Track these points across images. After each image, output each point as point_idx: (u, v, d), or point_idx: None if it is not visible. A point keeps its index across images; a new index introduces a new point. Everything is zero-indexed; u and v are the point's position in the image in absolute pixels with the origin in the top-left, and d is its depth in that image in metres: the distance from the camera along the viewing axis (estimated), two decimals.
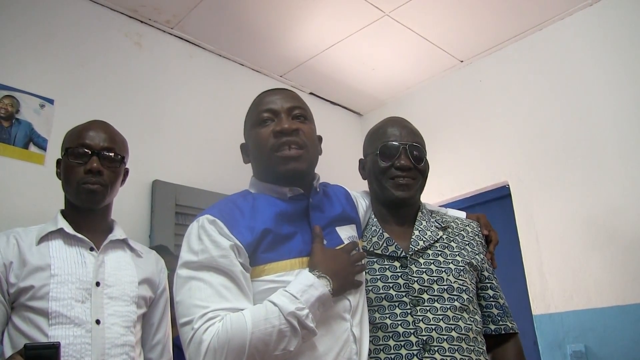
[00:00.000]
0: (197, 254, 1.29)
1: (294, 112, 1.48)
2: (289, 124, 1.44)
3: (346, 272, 1.36)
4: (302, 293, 1.24)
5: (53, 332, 1.55)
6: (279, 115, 1.46)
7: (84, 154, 1.72)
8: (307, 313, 1.22)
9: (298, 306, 1.22)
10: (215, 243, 1.28)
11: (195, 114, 3.27)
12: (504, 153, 3.49)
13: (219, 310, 1.22)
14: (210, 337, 1.18)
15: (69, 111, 2.60)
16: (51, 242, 1.68)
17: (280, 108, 1.47)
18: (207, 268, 1.27)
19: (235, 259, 1.28)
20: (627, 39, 3.05)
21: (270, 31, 3.37)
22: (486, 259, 1.67)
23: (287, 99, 1.50)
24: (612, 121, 3.03)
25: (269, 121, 1.46)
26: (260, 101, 1.52)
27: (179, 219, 2.92)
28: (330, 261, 1.33)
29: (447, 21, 3.36)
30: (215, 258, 1.27)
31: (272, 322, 1.19)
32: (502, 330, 1.60)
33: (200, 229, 1.32)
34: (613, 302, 2.85)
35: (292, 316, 1.21)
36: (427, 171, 1.67)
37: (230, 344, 1.17)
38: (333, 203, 1.56)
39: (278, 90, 1.56)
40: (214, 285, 1.25)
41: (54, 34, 2.75)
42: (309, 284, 1.26)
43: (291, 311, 1.21)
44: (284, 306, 1.21)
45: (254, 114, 1.50)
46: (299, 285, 1.26)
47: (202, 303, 1.23)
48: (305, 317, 1.22)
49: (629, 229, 2.87)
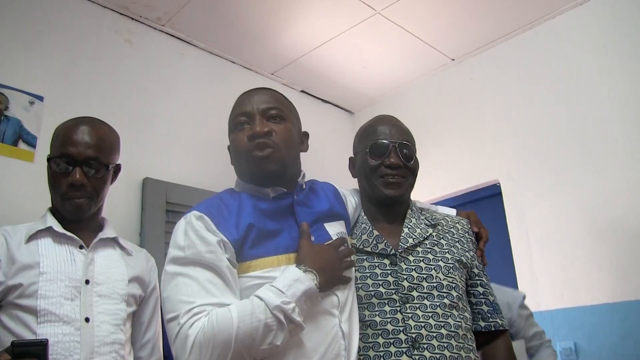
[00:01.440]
0: (183, 250, 1.29)
1: (269, 113, 1.48)
2: (260, 126, 1.44)
3: (333, 268, 1.36)
4: (288, 287, 1.24)
5: (42, 330, 1.55)
6: (254, 117, 1.46)
7: (67, 163, 1.69)
8: (294, 307, 1.22)
9: (284, 300, 1.22)
10: (202, 239, 1.29)
11: (186, 111, 3.26)
12: (495, 151, 3.50)
13: (204, 306, 1.22)
14: (196, 332, 1.18)
15: (58, 108, 2.58)
16: (40, 240, 1.67)
17: (255, 110, 1.47)
18: (193, 263, 1.27)
19: (221, 254, 1.28)
20: (617, 38, 3.07)
21: (262, 29, 3.36)
22: (476, 256, 1.68)
23: (261, 101, 1.50)
24: (602, 120, 3.05)
25: (245, 124, 1.47)
26: (237, 104, 1.54)
27: (169, 217, 2.91)
28: (317, 256, 1.34)
29: (438, 19, 3.36)
30: (202, 253, 1.27)
31: (258, 317, 1.19)
32: (492, 327, 1.60)
33: (187, 225, 1.32)
34: (602, 300, 2.87)
35: (278, 310, 1.21)
36: (417, 169, 1.67)
37: (216, 338, 1.17)
38: (320, 199, 1.56)
39: (253, 91, 1.55)
40: (200, 281, 1.25)
41: (44, 30, 2.73)
42: (295, 278, 1.26)
43: (277, 305, 1.21)
44: (270, 300, 1.21)
45: (232, 118, 1.52)
46: (285, 280, 1.26)
47: (188, 298, 1.23)
48: (291, 311, 1.22)
49: (619, 228, 2.89)
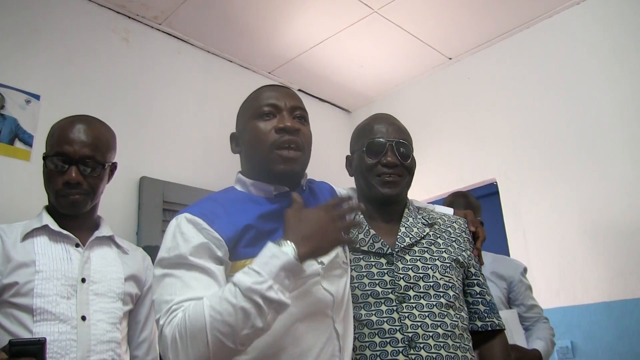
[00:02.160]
0: (169, 252, 1.27)
1: (296, 112, 1.46)
2: (292, 122, 1.42)
3: (323, 232, 1.25)
4: (264, 265, 1.17)
5: (38, 328, 1.54)
6: (281, 111, 1.44)
7: (63, 161, 1.68)
8: (270, 285, 1.14)
9: (256, 280, 1.14)
10: (188, 241, 1.26)
11: (183, 110, 3.26)
12: (492, 150, 3.50)
13: (182, 302, 1.19)
14: (173, 329, 1.15)
15: (55, 107, 2.57)
16: (36, 239, 1.66)
17: (284, 105, 1.45)
18: (179, 265, 1.25)
19: (208, 256, 1.26)
20: (614, 37, 3.08)
21: (259, 27, 3.36)
22: (473, 255, 1.68)
23: (290, 97, 1.48)
24: (599, 119, 3.06)
25: (271, 115, 1.44)
26: (261, 94, 1.49)
27: (166, 216, 2.91)
28: (301, 224, 1.25)
29: (435, 18, 3.36)
30: (187, 255, 1.24)
31: (230, 301, 1.13)
32: (489, 326, 1.60)
33: (175, 228, 1.30)
34: (599, 299, 2.88)
35: (251, 291, 1.13)
36: (414, 168, 1.67)
37: (190, 331, 1.13)
38: (318, 199, 1.55)
39: (281, 87, 1.54)
40: (184, 279, 1.22)
41: (40, 28, 2.73)
42: (270, 254, 1.18)
43: (248, 286, 1.13)
44: (241, 283, 1.15)
45: (255, 106, 1.47)
46: (260, 259, 1.19)
47: (168, 297, 1.21)
48: (267, 290, 1.14)
49: (615, 227, 2.89)
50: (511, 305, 2.56)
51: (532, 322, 2.53)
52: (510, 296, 2.57)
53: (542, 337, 2.44)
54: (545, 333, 2.47)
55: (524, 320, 2.53)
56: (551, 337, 2.48)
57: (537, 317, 2.54)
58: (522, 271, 2.61)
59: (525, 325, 2.53)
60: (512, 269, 2.60)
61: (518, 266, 2.63)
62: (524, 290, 2.57)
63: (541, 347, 2.39)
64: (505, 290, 2.57)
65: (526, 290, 2.58)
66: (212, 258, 1.27)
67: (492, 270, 2.56)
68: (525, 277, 2.61)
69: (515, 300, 2.56)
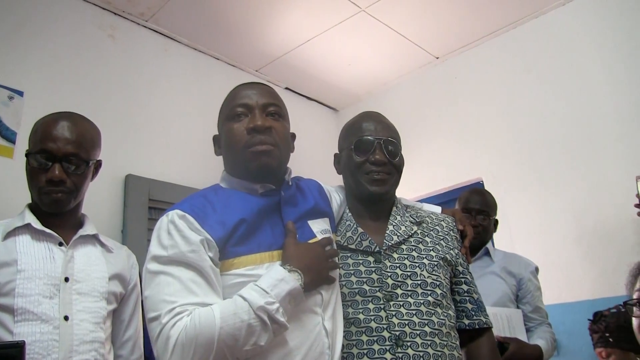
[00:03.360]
0: (166, 249, 1.27)
1: (269, 109, 1.46)
2: (262, 121, 1.42)
3: (319, 267, 1.35)
4: (273, 287, 1.22)
5: (19, 329, 1.52)
6: (253, 110, 1.44)
7: (46, 159, 1.66)
8: (278, 307, 1.21)
9: (268, 300, 1.20)
10: (185, 238, 1.27)
11: (170, 108, 3.24)
12: (478, 149, 3.52)
13: (187, 305, 1.20)
14: (178, 333, 1.16)
15: (39, 104, 2.54)
16: (18, 237, 1.64)
17: (255, 104, 1.45)
18: (176, 263, 1.25)
19: (204, 254, 1.26)
20: (601, 37, 3.10)
21: (246, 25, 3.34)
22: (461, 254, 1.68)
23: (262, 95, 1.48)
24: (586, 120, 3.08)
25: (243, 116, 1.44)
26: (235, 95, 1.50)
27: (152, 214, 2.89)
28: (302, 255, 1.32)
29: (423, 18, 3.37)
30: (185, 253, 1.25)
31: (241, 317, 1.18)
32: (476, 324, 1.60)
33: (170, 224, 1.30)
34: (583, 297, 2.90)
35: (262, 310, 1.19)
36: (402, 166, 1.66)
37: (199, 339, 1.15)
38: (306, 197, 1.55)
39: (254, 85, 1.53)
40: (183, 280, 1.23)
41: (24, 23, 2.69)
42: (280, 278, 1.24)
43: (260, 305, 1.19)
44: (254, 300, 1.19)
45: (228, 107, 1.48)
46: (269, 280, 1.24)
47: (170, 298, 1.21)
48: (275, 312, 1.20)
49: (599, 226, 2.92)
50: (519, 303, 2.52)
51: (535, 324, 2.48)
52: (519, 294, 2.53)
53: (543, 337, 2.40)
54: (547, 335, 2.43)
55: (527, 321, 2.49)
56: (553, 341, 2.44)
57: (542, 320, 2.49)
58: (533, 270, 2.57)
59: (528, 326, 2.49)
60: (523, 267, 2.55)
61: (529, 265, 2.59)
62: (533, 290, 2.51)
63: (542, 345, 2.34)
64: (515, 287, 2.52)
65: (535, 290, 2.53)
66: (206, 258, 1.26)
67: (503, 266, 2.54)
68: (535, 277, 2.56)
69: (523, 299, 2.51)
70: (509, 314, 2.41)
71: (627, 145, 2.90)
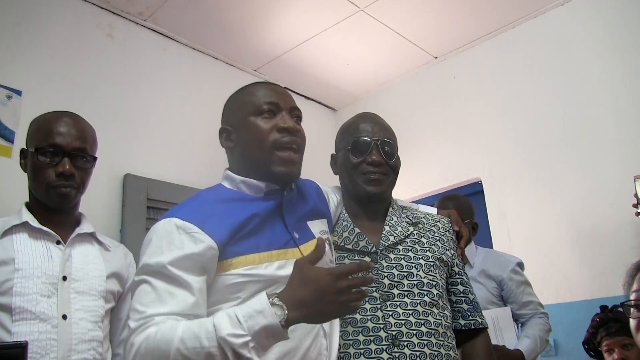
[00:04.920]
0: (151, 258, 1.24)
1: (295, 113, 1.45)
2: (293, 124, 1.41)
3: (324, 303, 1.14)
4: (248, 318, 1.10)
5: (17, 328, 1.52)
6: (282, 111, 1.42)
7: (54, 154, 1.67)
8: (246, 342, 1.08)
9: (235, 332, 1.09)
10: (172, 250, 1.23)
11: (168, 107, 3.24)
12: (476, 149, 3.52)
13: (155, 316, 1.16)
14: (140, 342, 1.13)
15: (37, 103, 2.52)
16: (15, 236, 1.64)
17: (284, 105, 1.43)
18: (157, 274, 1.21)
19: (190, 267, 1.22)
20: (598, 37, 3.10)
21: (245, 25, 3.34)
22: (457, 254, 1.69)
23: (289, 98, 1.47)
24: (583, 119, 3.08)
25: (271, 114, 1.41)
26: (259, 90, 1.46)
27: (150, 214, 2.89)
28: (304, 286, 1.14)
29: (421, 17, 3.37)
30: (165, 264, 1.21)
31: (201, 342, 1.09)
32: (472, 325, 1.61)
33: (162, 232, 1.27)
34: (581, 297, 2.91)
35: (224, 342, 1.08)
36: (399, 167, 1.67)
37: (154, 352, 1.11)
38: (305, 198, 1.54)
39: (278, 87, 1.51)
40: (159, 290, 1.19)
41: (23, 23, 2.69)
42: (259, 309, 1.11)
43: (222, 336, 1.08)
44: (220, 328, 1.09)
45: (254, 103, 1.43)
46: (247, 309, 1.12)
47: (141, 307, 1.19)
48: (239, 347, 1.08)
49: (597, 226, 2.93)
50: (506, 303, 2.53)
51: (527, 318, 2.49)
52: (503, 294, 2.54)
53: (529, 335, 2.40)
54: (534, 330, 2.42)
55: (519, 317, 2.50)
56: (541, 334, 2.42)
57: (533, 312, 2.49)
58: (514, 267, 2.55)
59: (521, 322, 2.50)
60: (501, 267, 2.54)
61: (508, 263, 2.57)
62: (516, 288, 2.51)
63: (526, 346, 2.35)
64: (496, 288, 2.53)
65: (519, 286, 2.52)
66: (194, 269, 1.23)
67: (481, 269, 2.55)
68: (517, 273, 2.55)
69: (508, 298, 2.52)
70: (495, 314, 2.42)
71: (625, 146, 2.91)
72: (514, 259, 2.62)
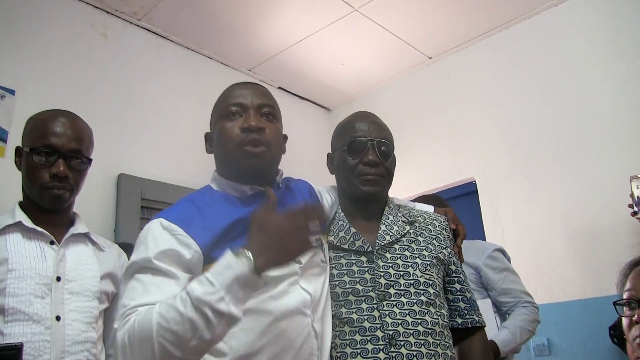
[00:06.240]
0: (138, 256, 1.26)
1: (263, 110, 1.46)
2: (256, 121, 1.41)
3: (285, 242, 1.16)
4: (218, 275, 1.11)
5: (9, 329, 1.50)
6: (248, 110, 1.44)
7: (49, 154, 1.65)
8: (222, 296, 1.09)
9: (207, 290, 1.09)
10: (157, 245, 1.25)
11: (162, 107, 3.23)
12: (471, 149, 3.53)
13: (137, 307, 1.16)
14: (123, 334, 1.13)
15: (31, 102, 2.51)
16: (8, 236, 1.62)
17: (250, 104, 1.44)
18: (144, 269, 1.22)
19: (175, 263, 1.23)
20: (593, 38, 3.12)
21: (239, 25, 3.34)
22: (453, 253, 1.69)
23: (257, 95, 1.47)
24: (578, 122, 3.10)
25: (237, 115, 1.43)
26: (230, 93, 1.49)
27: (144, 213, 2.88)
28: (264, 232, 1.16)
29: (416, 18, 3.37)
30: (151, 258, 1.22)
31: (179, 310, 1.08)
32: (469, 323, 1.61)
33: (148, 232, 1.29)
34: (575, 296, 2.92)
35: (200, 302, 1.08)
36: (394, 167, 1.67)
37: (137, 337, 1.10)
38: (295, 198, 1.54)
39: (249, 85, 1.53)
40: (145, 283, 1.20)
41: (16, 22, 2.68)
42: (226, 264, 1.12)
43: (197, 296, 1.08)
44: (192, 292, 1.09)
45: (222, 106, 1.47)
46: (216, 267, 1.13)
47: (126, 301, 1.19)
48: (216, 301, 1.08)
49: (591, 226, 2.94)
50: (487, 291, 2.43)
51: (509, 307, 2.38)
52: (482, 281, 2.43)
53: (509, 325, 2.30)
54: (515, 320, 2.31)
55: (501, 305, 2.39)
56: (522, 324, 2.30)
57: (515, 301, 2.37)
58: (490, 254, 2.44)
59: (503, 311, 2.40)
60: (477, 255, 2.44)
61: (485, 249, 2.47)
62: (495, 274, 2.40)
63: (502, 337, 2.25)
64: (473, 275, 2.42)
65: (499, 273, 2.41)
66: (178, 264, 1.24)
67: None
68: (495, 259, 2.44)
69: (487, 286, 2.42)
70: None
71: (620, 146, 2.92)
72: (492, 246, 2.53)
